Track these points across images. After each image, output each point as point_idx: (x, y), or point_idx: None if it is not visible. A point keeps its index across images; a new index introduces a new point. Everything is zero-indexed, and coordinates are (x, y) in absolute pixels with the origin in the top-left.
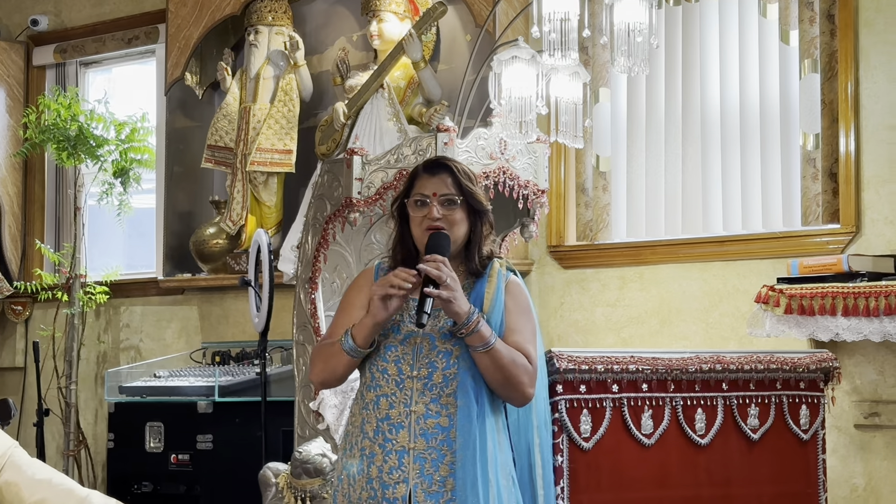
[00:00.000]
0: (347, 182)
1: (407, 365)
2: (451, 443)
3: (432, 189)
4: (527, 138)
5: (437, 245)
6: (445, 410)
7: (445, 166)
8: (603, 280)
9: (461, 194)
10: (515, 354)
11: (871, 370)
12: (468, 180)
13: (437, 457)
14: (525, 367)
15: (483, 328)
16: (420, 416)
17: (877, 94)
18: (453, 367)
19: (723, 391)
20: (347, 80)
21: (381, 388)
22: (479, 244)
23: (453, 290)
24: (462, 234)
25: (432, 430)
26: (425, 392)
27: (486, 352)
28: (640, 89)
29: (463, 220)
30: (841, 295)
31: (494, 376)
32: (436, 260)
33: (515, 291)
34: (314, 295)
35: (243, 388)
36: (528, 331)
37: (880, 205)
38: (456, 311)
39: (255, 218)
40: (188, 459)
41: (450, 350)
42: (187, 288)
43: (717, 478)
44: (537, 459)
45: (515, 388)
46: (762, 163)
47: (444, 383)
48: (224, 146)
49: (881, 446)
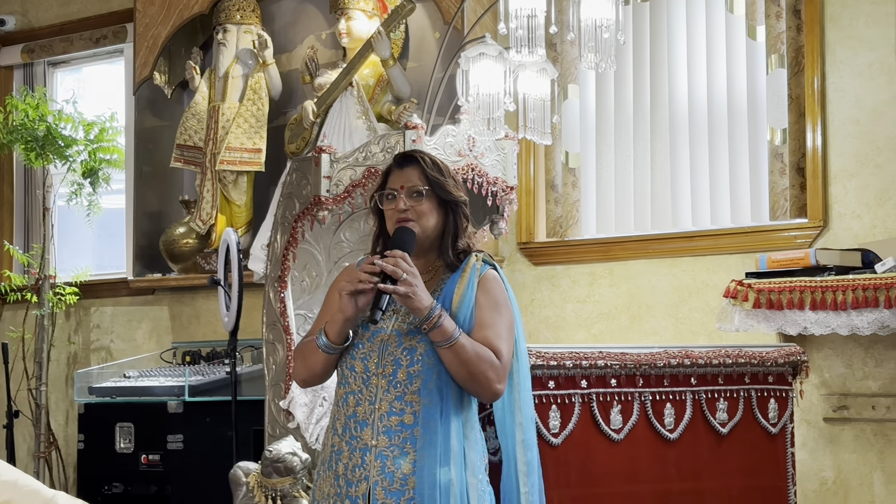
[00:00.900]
0: (316, 180)
1: (373, 362)
2: (416, 440)
3: (400, 182)
4: (495, 135)
5: (400, 241)
6: (410, 408)
7: (413, 158)
8: (573, 276)
9: (428, 185)
10: (481, 349)
11: (840, 364)
12: (437, 171)
13: (398, 454)
14: (491, 363)
15: (446, 323)
16: (384, 413)
17: (843, 89)
18: (417, 365)
19: (691, 386)
20: (316, 78)
21: (349, 385)
22: (455, 237)
23: (412, 286)
24: (431, 225)
25: (395, 428)
26: (390, 389)
27: (449, 347)
28: (609, 86)
29: (431, 211)
30: (809, 289)
31: (459, 372)
32: (394, 255)
33: (489, 286)
34: (283, 293)
35: (213, 388)
36: (499, 326)
37: (847, 199)
38: (416, 306)
39: (224, 217)
40: (158, 460)
41: (414, 347)
42: (158, 288)
43: (687, 472)
44: (520, 456)
45: (481, 384)
46: (730, 158)
47: (408, 380)
48: (193, 145)
49: (850, 439)
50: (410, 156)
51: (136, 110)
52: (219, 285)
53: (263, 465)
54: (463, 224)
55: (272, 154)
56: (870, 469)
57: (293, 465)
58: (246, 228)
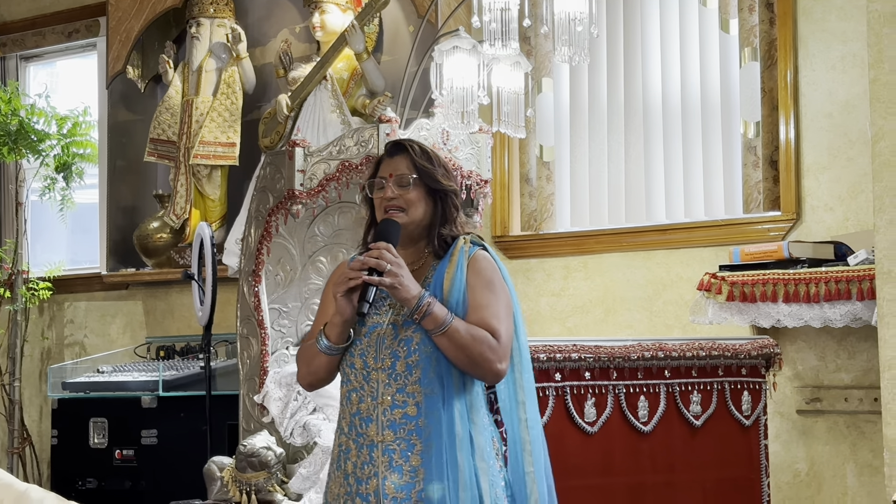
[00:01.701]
0: (290, 174)
1: (371, 357)
2: (422, 431)
3: (389, 170)
4: (469, 128)
5: (384, 232)
6: (412, 399)
7: (402, 147)
8: (547, 270)
9: (417, 174)
10: (476, 331)
11: (813, 356)
12: (425, 160)
13: (405, 447)
14: (488, 343)
15: (436, 310)
16: (387, 407)
17: (815, 82)
18: (415, 355)
19: (665, 378)
20: (290, 72)
21: (350, 382)
22: (443, 225)
23: (397, 276)
24: (420, 214)
25: (400, 421)
26: (390, 383)
27: (443, 333)
28: (583, 79)
29: (420, 200)
30: (782, 281)
31: (457, 357)
32: (378, 247)
33: (479, 266)
34: (257, 288)
35: (188, 383)
36: (494, 305)
37: (820, 192)
38: (403, 296)
39: (198, 211)
40: (133, 455)
41: (410, 337)
42: (131, 283)
43: (661, 464)
44: (524, 435)
45: (481, 366)
46: (704, 151)
47: (408, 372)
48: (167, 139)
49: (823, 431)
50: (400, 144)
51: (109, 104)
52: (193, 280)
53: (238, 459)
54: (452, 213)
55: (246, 148)
56: (842, 461)
57: (267, 459)
58: (220, 223)
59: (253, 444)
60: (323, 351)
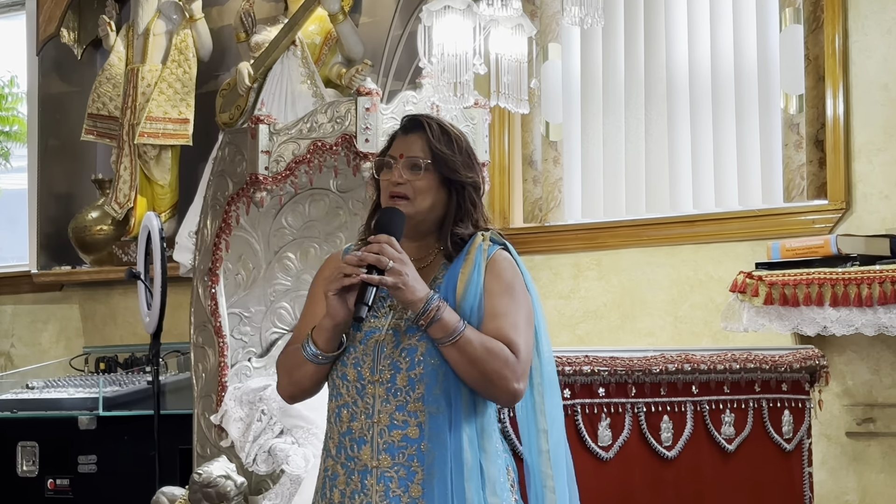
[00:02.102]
0: (252, 156)
1: (367, 368)
2: (424, 457)
3: (401, 150)
4: (463, 102)
5: (386, 223)
6: (414, 419)
7: (419, 124)
8: (555, 268)
9: (431, 159)
10: (492, 344)
11: (865, 369)
12: (444, 143)
13: (405, 475)
14: (505, 359)
15: (447, 316)
16: (384, 427)
17: (868, 49)
18: (419, 367)
19: (693, 395)
20: (253, 36)
21: (341, 396)
22: (457, 223)
23: (401, 275)
24: (427, 205)
25: (399, 444)
26: (389, 399)
27: (453, 344)
28: (596, 45)
29: (431, 189)
30: (829, 282)
31: (468, 373)
32: (379, 241)
33: (499, 268)
34: (215, 289)
35: (132, 400)
36: (514, 314)
37: (874, 177)
38: (408, 298)
39: (145, 199)
40: (68, 485)
41: (414, 346)
42: (66, 283)
43: (687, 496)
44: (545, 469)
45: (495, 384)
46: (738, 130)
47: (410, 387)
48: (108, 115)
49: (877, 457)
50: (417, 121)
51: (39, 73)
52: (139, 280)
53: (192, 490)
54: (469, 209)
55: (201, 125)
56: None
57: (226, 490)
58: (170, 213)
59: (209, 473)
60: (309, 359)
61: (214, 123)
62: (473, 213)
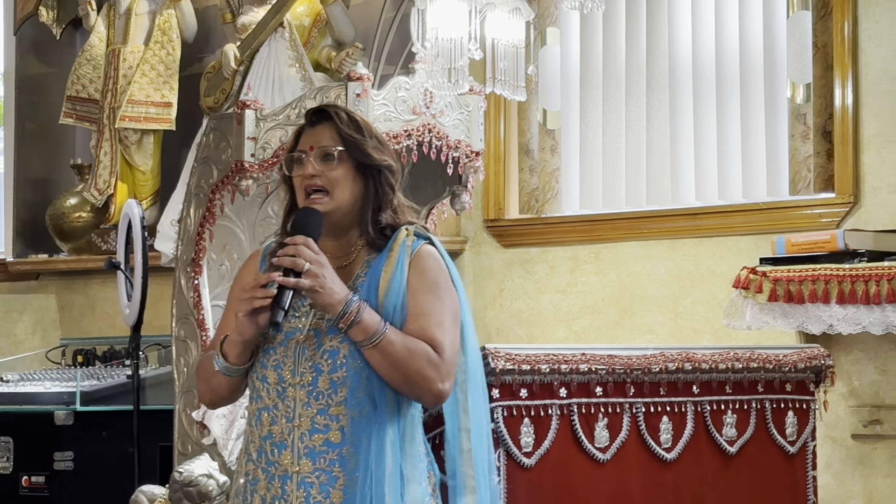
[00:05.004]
0: (238, 142)
1: (288, 371)
2: (346, 462)
3: (310, 142)
4: (458, 89)
5: (302, 224)
6: (336, 423)
7: (326, 114)
8: (551, 261)
9: (343, 146)
10: (415, 344)
11: (872, 369)
12: (353, 129)
13: (326, 480)
14: (429, 358)
15: (367, 318)
16: (305, 431)
17: (879, 36)
18: (341, 370)
19: (693, 395)
20: (239, 17)
21: (262, 399)
22: (378, 210)
23: (318, 277)
24: (347, 196)
25: (320, 449)
26: (310, 402)
27: (374, 346)
28: (597, 30)
29: (347, 178)
30: (836, 278)
31: (391, 375)
32: (295, 242)
33: (423, 265)
34: (198, 280)
35: (111, 395)
36: (438, 313)
37: (883, 170)
38: (326, 301)
39: (126, 186)
40: (43, 482)
41: (336, 348)
42: (43, 272)
43: (687, 499)
44: (466, 469)
45: (419, 385)
46: (742, 120)
47: (332, 390)
48: (88, 98)
49: (884, 460)
50: (323, 111)
51: (17, 54)
52: (118, 269)
53: (172, 489)
54: (388, 194)
55: (185, 109)
56: None
57: (208, 489)
58: (152, 200)
59: (191, 471)
60: (220, 371)
61: (198, 108)
62: (392, 198)
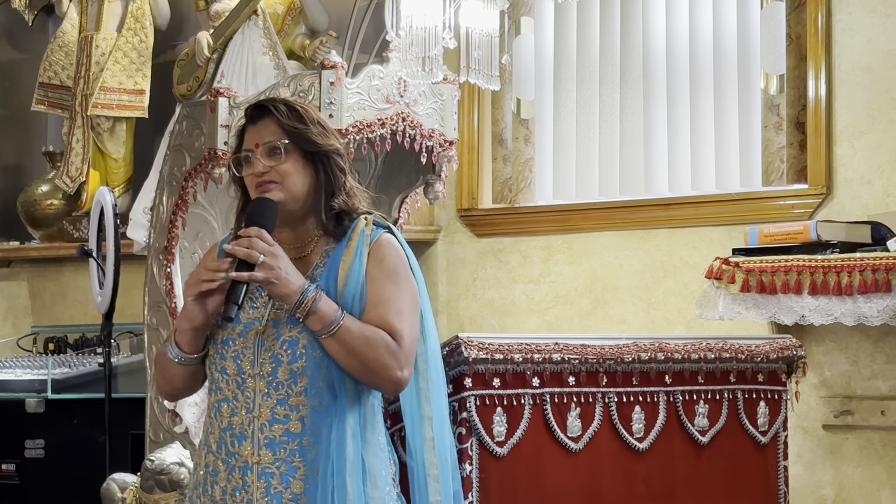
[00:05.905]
0: (211, 130)
1: (247, 361)
2: (306, 452)
3: (254, 140)
4: (431, 78)
5: (256, 215)
6: (296, 413)
7: (265, 109)
8: (524, 251)
9: (287, 138)
10: (372, 332)
11: (843, 360)
12: (295, 120)
13: (286, 470)
14: (387, 346)
15: (323, 307)
16: (265, 422)
17: (852, 28)
18: (301, 360)
19: (665, 385)
20: (213, 4)
21: (221, 391)
22: (331, 196)
23: (273, 269)
24: (299, 187)
25: (280, 439)
26: (270, 393)
27: (332, 335)
28: (570, 20)
29: (297, 169)
30: (808, 269)
31: (350, 363)
32: (248, 234)
33: (382, 253)
34: (170, 268)
35: (83, 383)
36: (397, 300)
37: (856, 161)
38: (282, 292)
39: (98, 173)
40: (14, 470)
41: (296, 339)
42: (14, 259)
43: (659, 489)
44: (429, 458)
45: (378, 373)
46: (716, 110)
47: (292, 380)
48: (60, 84)
49: (854, 450)
50: (261, 106)
51: None
52: (90, 257)
53: (144, 477)
54: (339, 178)
55: (158, 97)
56: (877, 486)
57: (180, 477)
58: (124, 187)
59: (162, 460)
60: (174, 360)
61: (171, 95)
62: (344, 181)
